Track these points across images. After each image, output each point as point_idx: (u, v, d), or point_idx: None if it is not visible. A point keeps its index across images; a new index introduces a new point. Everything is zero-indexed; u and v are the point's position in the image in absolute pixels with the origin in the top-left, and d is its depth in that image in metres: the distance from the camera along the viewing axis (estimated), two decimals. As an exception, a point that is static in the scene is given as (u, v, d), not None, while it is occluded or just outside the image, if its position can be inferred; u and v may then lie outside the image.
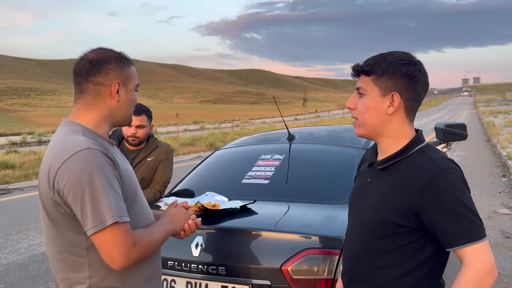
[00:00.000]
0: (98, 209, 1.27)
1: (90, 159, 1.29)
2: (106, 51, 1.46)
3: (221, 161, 3.08)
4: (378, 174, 1.40)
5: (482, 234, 1.25)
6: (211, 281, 1.98)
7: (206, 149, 18.36)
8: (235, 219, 2.13)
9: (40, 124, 41.67)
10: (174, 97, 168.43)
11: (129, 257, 1.31)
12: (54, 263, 1.41)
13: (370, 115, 1.36)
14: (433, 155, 1.33)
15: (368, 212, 1.38)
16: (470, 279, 1.22)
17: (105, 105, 1.44)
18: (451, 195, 1.25)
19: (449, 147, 8.33)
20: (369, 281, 1.38)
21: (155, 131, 28.85)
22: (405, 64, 1.34)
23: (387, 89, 1.34)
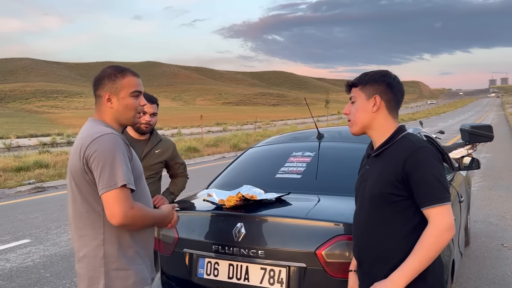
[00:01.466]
0: (113, 174, 1.65)
1: (114, 140, 1.71)
2: (106, 69, 1.87)
3: (255, 158, 3.28)
4: (373, 161, 1.78)
5: (445, 199, 1.59)
6: (251, 264, 2.19)
7: (229, 150, 18.63)
8: (272, 208, 2.33)
9: (68, 126, 42.85)
10: (197, 99, 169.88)
11: (126, 216, 1.65)
12: (76, 222, 1.79)
13: (360, 114, 1.77)
14: (412, 138, 1.71)
15: (368, 190, 1.74)
16: (432, 233, 1.56)
17: (106, 111, 1.84)
18: (423, 166, 1.61)
19: (475, 148, 8.33)
20: (376, 248, 1.70)
21: (179, 132, 29.30)
22: (383, 76, 1.78)
23: (370, 93, 1.76)
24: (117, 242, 1.75)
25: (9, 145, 21.52)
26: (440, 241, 1.55)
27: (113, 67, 1.87)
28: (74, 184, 1.76)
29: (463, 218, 3.90)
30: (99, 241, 1.74)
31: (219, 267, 2.27)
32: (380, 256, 1.69)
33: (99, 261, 1.73)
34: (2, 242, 5.79)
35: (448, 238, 1.56)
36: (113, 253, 1.74)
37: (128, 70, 1.87)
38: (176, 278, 2.46)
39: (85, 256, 1.76)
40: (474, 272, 4.25)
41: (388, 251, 1.67)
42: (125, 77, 1.84)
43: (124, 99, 1.83)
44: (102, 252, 1.74)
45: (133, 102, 1.85)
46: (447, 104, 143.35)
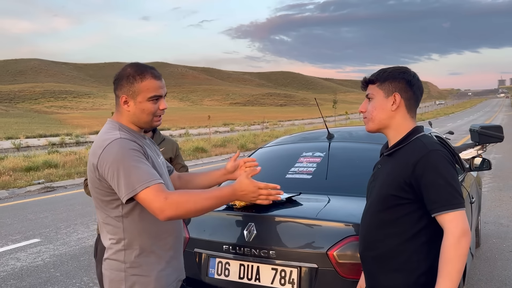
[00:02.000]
0: (129, 181, 1.61)
1: (121, 145, 1.66)
2: (127, 68, 1.77)
3: (265, 158, 3.28)
4: (385, 160, 1.74)
5: (458, 204, 1.52)
6: (262, 264, 2.18)
7: (237, 150, 18.62)
8: (283, 209, 2.32)
9: (77, 126, 43.17)
10: (204, 100, 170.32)
11: (164, 210, 1.60)
12: (102, 227, 1.78)
13: (378, 112, 1.71)
14: (426, 140, 1.65)
15: (376, 189, 1.71)
16: (450, 244, 1.49)
17: (123, 112, 1.79)
18: (434, 170, 1.55)
19: (485, 149, 8.26)
20: (378, 247, 1.68)
21: (187, 133, 29.38)
22: (402, 72, 1.71)
23: (389, 91, 1.69)
24: (138, 248, 1.72)
25: (19, 145, 21.72)
26: (460, 249, 1.49)
27: (133, 66, 1.77)
28: (94, 191, 1.75)
29: (474, 219, 3.87)
30: (120, 247, 1.72)
31: (230, 267, 2.27)
32: (383, 255, 1.67)
33: (120, 266, 1.72)
34: (12, 242, 5.85)
35: (466, 244, 1.50)
36: (133, 259, 1.72)
37: (149, 71, 1.75)
38: (187, 277, 2.45)
39: (108, 259, 1.76)
40: (485, 274, 4.20)
41: (390, 251, 1.65)
42: (144, 80, 1.73)
43: (141, 104, 1.74)
44: (123, 257, 1.72)
45: (150, 106, 1.75)
46: (455, 105, 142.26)
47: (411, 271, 1.60)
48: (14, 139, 25.43)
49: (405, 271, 1.61)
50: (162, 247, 1.77)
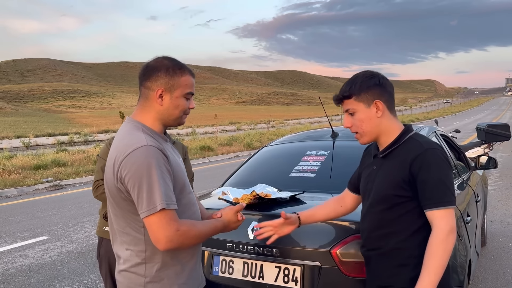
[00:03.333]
0: (151, 197, 1.49)
1: (148, 155, 1.51)
2: (163, 60, 1.65)
3: (269, 157, 3.29)
4: (381, 162, 1.76)
5: (449, 202, 1.58)
6: (266, 262, 2.20)
7: (243, 149, 18.67)
8: (287, 207, 2.34)
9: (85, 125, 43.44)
10: (211, 99, 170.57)
11: (172, 240, 1.51)
12: (120, 235, 1.65)
13: (366, 124, 1.73)
14: (420, 139, 1.70)
15: (375, 191, 1.74)
16: (437, 238, 1.56)
17: (153, 107, 1.64)
18: (429, 167, 1.60)
19: (491, 147, 8.20)
20: (381, 247, 1.72)
21: (194, 131, 29.46)
22: (372, 78, 1.74)
23: (369, 100, 1.72)
24: (160, 262, 1.61)
25: (28, 144, 21.93)
26: (447, 245, 1.55)
27: (170, 59, 1.66)
28: (112, 199, 1.62)
29: (480, 217, 3.85)
30: (140, 260, 1.61)
31: (233, 265, 2.29)
32: (387, 253, 1.71)
33: (140, 280, 1.61)
34: (21, 239, 5.92)
35: (452, 240, 1.56)
36: (154, 273, 1.61)
37: (187, 68, 1.68)
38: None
39: (127, 270, 1.64)
40: (491, 273, 4.19)
41: (394, 249, 1.69)
42: (183, 74, 1.65)
43: (178, 99, 1.65)
44: (143, 271, 1.61)
45: (184, 103, 1.67)
46: (462, 103, 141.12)
47: (415, 265, 1.63)
48: (24, 138, 25.68)
49: (409, 266, 1.65)
50: (184, 258, 1.67)
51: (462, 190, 3.25)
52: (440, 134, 3.65)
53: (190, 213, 1.70)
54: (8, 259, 5.10)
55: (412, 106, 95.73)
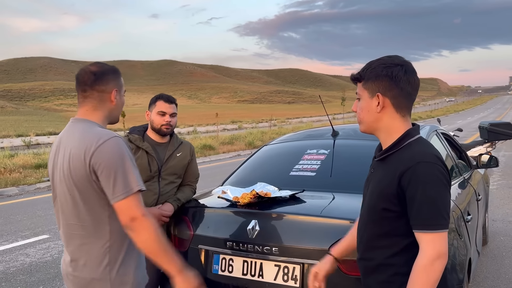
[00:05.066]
0: (127, 181, 1.64)
1: (119, 144, 1.68)
2: (104, 65, 1.83)
3: (269, 155, 3.29)
4: (377, 165, 1.61)
5: (438, 226, 1.40)
6: (265, 260, 2.20)
7: (245, 148, 18.67)
8: (286, 206, 2.34)
9: (86, 124, 43.36)
10: (213, 97, 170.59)
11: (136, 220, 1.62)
12: (76, 231, 1.73)
13: (365, 114, 1.58)
14: (418, 148, 1.50)
15: (367, 199, 1.62)
16: (421, 263, 1.40)
17: (107, 107, 1.81)
18: (418, 184, 1.42)
19: (494, 146, 8.18)
20: (369, 259, 1.60)
21: (195, 130, 29.47)
22: (387, 67, 1.52)
23: (373, 90, 1.54)
24: (123, 249, 1.74)
25: (29, 143, 21.96)
26: (432, 272, 1.39)
27: (107, 64, 1.86)
28: (78, 193, 1.70)
29: (481, 216, 3.85)
30: (104, 249, 1.71)
31: (233, 263, 2.29)
32: (372, 268, 1.59)
33: (104, 269, 1.71)
34: (22, 238, 5.93)
35: (439, 267, 1.40)
36: (118, 260, 1.72)
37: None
38: (191, 274, 2.49)
39: (86, 264, 1.72)
40: (492, 272, 4.18)
41: (380, 265, 1.56)
42: (120, 75, 1.88)
43: (123, 97, 1.89)
44: (107, 259, 1.71)
45: (124, 100, 1.91)
46: (465, 102, 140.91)
47: (401, 283, 1.50)
48: (25, 137, 25.71)
49: (394, 284, 1.53)
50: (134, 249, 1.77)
51: (463, 189, 3.24)
52: (441, 133, 3.64)
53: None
54: (10, 257, 5.11)
55: (415, 104, 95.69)
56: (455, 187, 3.05)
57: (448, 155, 3.49)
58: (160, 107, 2.69)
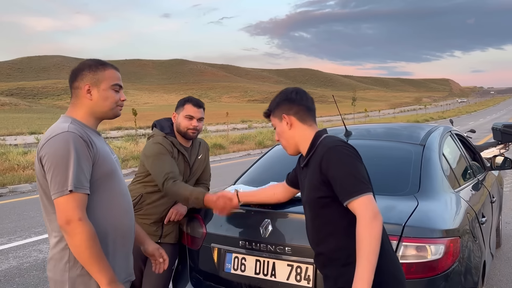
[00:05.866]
0: (63, 179, 1.58)
1: (67, 140, 1.62)
2: (86, 61, 1.81)
3: (282, 155, 3.26)
4: (305, 172, 1.86)
5: (361, 190, 1.63)
6: (278, 260, 2.20)
7: (255, 147, 18.67)
8: (300, 206, 2.32)
9: (98, 122, 43.76)
10: (223, 97, 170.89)
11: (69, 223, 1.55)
12: (47, 226, 1.73)
13: (283, 138, 1.91)
14: (326, 140, 1.79)
15: (304, 198, 1.86)
16: (361, 225, 1.59)
17: (83, 103, 1.78)
18: (334, 163, 1.68)
19: (507, 148, 8.07)
20: (324, 250, 1.77)
21: (205, 129, 29.58)
22: (282, 94, 1.93)
23: (279, 115, 1.90)
24: None
25: (42, 140, 22.19)
26: (372, 229, 1.57)
27: (93, 59, 1.82)
28: (40, 186, 1.69)
29: (495, 218, 3.80)
30: (63, 245, 1.65)
31: (246, 262, 2.29)
32: (329, 256, 1.75)
33: (63, 266, 1.66)
34: (35, 234, 6.01)
35: (377, 225, 1.58)
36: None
37: (109, 63, 1.83)
38: (204, 272, 2.50)
39: (52, 258, 1.70)
40: (506, 274, 4.13)
41: (335, 251, 1.73)
42: (106, 69, 1.80)
43: (105, 91, 1.78)
44: (67, 256, 1.65)
45: (113, 95, 1.80)
46: (478, 103, 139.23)
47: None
48: (37, 134, 26.02)
49: (352, 264, 1.63)
50: (109, 246, 1.71)
51: (477, 191, 3.20)
52: (455, 133, 3.60)
53: (120, 201, 1.77)
54: (23, 253, 5.18)
55: (427, 105, 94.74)
56: (469, 188, 3.02)
57: (462, 156, 3.46)
58: (188, 111, 2.64)
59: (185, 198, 2.43)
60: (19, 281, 4.29)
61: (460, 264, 2.12)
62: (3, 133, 25.67)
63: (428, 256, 1.98)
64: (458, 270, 2.10)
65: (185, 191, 2.44)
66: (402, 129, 3.31)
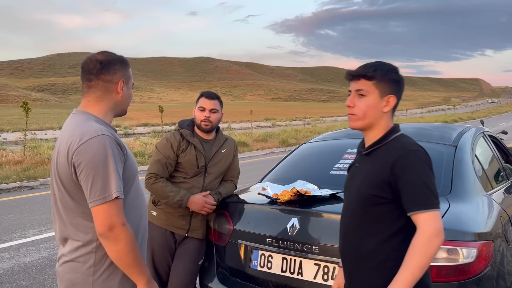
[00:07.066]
0: (107, 185, 1.52)
1: (104, 144, 1.55)
2: (111, 54, 1.73)
3: (308, 154, 3.27)
4: (363, 159, 1.73)
5: (433, 205, 1.53)
6: (305, 259, 2.19)
7: (278, 146, 18.64)
8: (327, 205, 2.32)
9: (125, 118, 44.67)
10: (247, 94, 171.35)
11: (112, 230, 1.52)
12: (66, 228, 1.65)
13: (370, 112, 1.66)
14: (404, 140, 1.66)
15: (355, 189, 1.70)
16: (421, 239, 1.50)
17: (112, 99, 1.70)
18: (412, 170, 1.55)
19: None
20: (358, 247, 1.67)
21: (229, 127, 29.74)
22: (396, 73, 1.69)
23: (385, 92, 1.66)
24: None
25: (71, 135, 22.76)
26: (430, 247, 1.48)
27: (116, 54, 1.74)
28: (64, 188, 1.62)
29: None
30: (90, 249, 1.61)
31: (272, 260, 2.30)
32: (361, 255, 1.66)
33: (86, 269, 1.62)
34: (50, 231, 6.17)
35: (437, 244, 1.50)
36: (104, 262, 1.62)
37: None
38: (230, 268, 2.52)
39: (73, 261, 1.64)
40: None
41: (370, 251, 1.64)
42: (129, 66, 1.77)
43: (131, 89, 1.77)
44: (93, 260, 1.62)
45: (132, 93, 1.80)
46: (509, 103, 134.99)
47: (390, 269, 1.58)
48: (67, 129, 26.63)
49: (384, 270, 1.59)
50: None
51: (510, 194, 3.11)
52: (488, 135, 3.51)
53: (141, 201, 1.76)
54: (53, 244, 5.32)
55: (456, 105, 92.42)
56: (502, 191, 2.94)
57: (495, 158, 3.37)
58: (200, 103, 2.76)
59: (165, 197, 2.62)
60: (50, 272, 4.42)
61: (492, 269, 2.07)
62: (34, 128, 26.47)
63: (460, 259, 1.95)
64: (491, 274, 2.05)
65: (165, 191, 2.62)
66: (433, 130, 3.25)
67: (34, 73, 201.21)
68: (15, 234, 5.72)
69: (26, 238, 5.56)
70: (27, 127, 12.79)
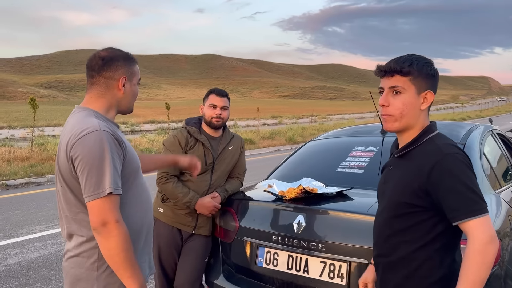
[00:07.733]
0: (101, 181, 1.51)
1: (101, 139, 1.54)
2: (115, 51, 1.72)
3: (315, 151, 3.26)
4: (396, 162, 1.60)
5: (481, 210, 1.40)
6: (311, 256, 2.19)
7: (285, 143, 18.63)
8: (333, 202, 2.31)
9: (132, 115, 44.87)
10: (253, 92, 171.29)
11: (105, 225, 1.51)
12: (70, 224, 1.65)
13: (409, 111, 1.51)
14: (440, 142, 1.50)
15: (388, 194, 1.58)
16: (475, 248, 1.37)
17: (113, 96, 1.69)
18: (452, 175, 1.41)
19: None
20: (390, 254, 1.57)
21: (236, 124, 29.76)
22: (432, 67, 1.54)
23: (422, 88, 1.51)
24: None
25: (78, 132, 22.88)
26: (486, 257, 1.36)
27: (121, 50, 1.74)
28: (65, 184, 1.62)
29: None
30: (94, 244, 1.60)
31: (278, 257, 2.30)
32: (394, 262, 1.56)
33: (90, 264, 1.61)
34: (57, 227, 6.21)
35: (493, 251, 1.37)
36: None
37: (134, 57, 1.78)
38: (236, 265, 2.52)
39: (78, 256, 1.64)
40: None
41: (402, 259, 1.54)
42: (135, 63, 1.75)
43: (135, 86, 1.75)
44: (96, 255, 1.61)
45: (137, 90, 1.77)
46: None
47: (422, 278, 1.50)
48: (74, 126, 26.79)
49: (416, 278, 1.51)
50: (138, 242, 1.69)
51: (521, 193, 3.08)
52: (497, 133, 3.47)
53: (145, 196, 1.74)
54: (60, 240, 5.35)
55: (464, 103, 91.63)
56: (510, 190, 2.90)
57: (504, 156, 3.33)
58: (211, 100, 2.75)
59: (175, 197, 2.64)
60: (56, 267, 4.45)
61: (500, 268, 2.05)
62: (41, 124, 26.66)
63: (467, 258, 1.92)
64: (498, 274, 2.03)
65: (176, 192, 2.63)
66: (441, 127, 3.19)
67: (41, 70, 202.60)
68: (22, 230, 5.77)
69: (33, 234, 5.61)
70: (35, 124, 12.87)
